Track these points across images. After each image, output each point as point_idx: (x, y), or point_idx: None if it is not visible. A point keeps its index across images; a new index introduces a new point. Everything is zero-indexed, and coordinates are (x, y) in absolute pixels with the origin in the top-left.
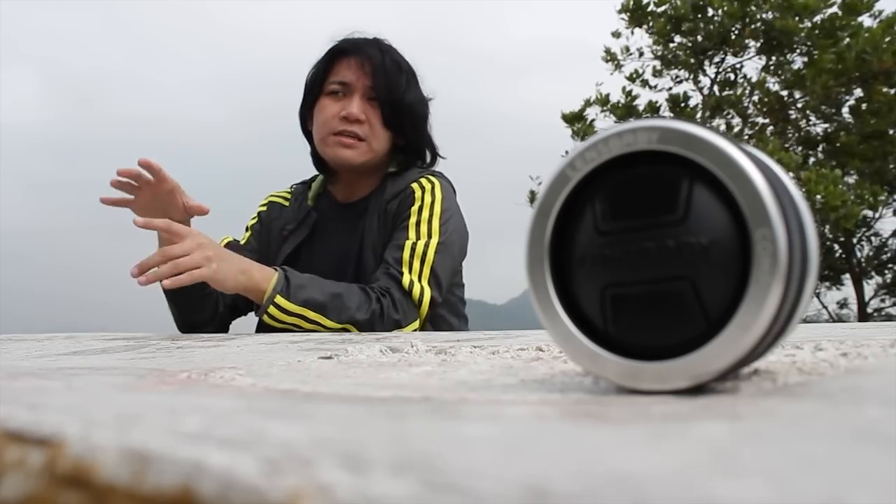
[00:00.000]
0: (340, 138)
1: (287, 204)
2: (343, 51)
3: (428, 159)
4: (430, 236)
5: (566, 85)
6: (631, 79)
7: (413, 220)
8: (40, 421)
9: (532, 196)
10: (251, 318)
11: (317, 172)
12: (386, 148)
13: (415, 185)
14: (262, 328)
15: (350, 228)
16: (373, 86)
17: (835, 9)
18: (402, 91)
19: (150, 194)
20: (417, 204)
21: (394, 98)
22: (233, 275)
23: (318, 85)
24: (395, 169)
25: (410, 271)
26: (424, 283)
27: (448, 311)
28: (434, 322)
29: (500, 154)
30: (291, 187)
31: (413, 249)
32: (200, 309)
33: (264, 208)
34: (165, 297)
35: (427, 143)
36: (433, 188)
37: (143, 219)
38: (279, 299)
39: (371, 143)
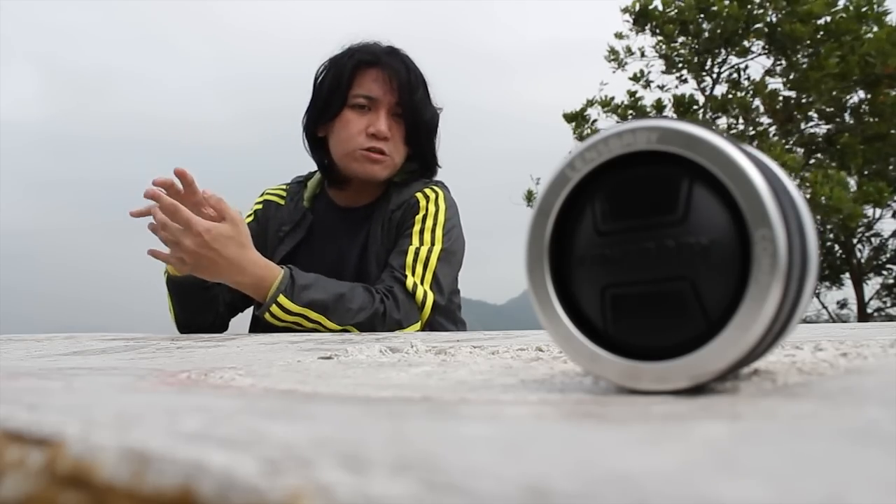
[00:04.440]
0: (369, 154)
1: (283, 203)
2: (367, 62)
3: (430, 169)
4: (433, 243)
5: (568, 85)
6: (635, 79)
7: (417, 227)
8: (40, 421)
9: (529, 195)
10: (248, 314)
11: (312, 170)
12: (403, 161)
13: (419, 195)
14: (256, 327)
15: (350, 234)
16: (399, 102)
17: (840, 7)
18: (425, 109)
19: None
20: (422, 213)
21: (417, 117)
22: (230, 276)
23: (340, 97)
24: (399, 179)
25: (413, 274)
26: (427, 286)
27: (446, 319)
28: (432, 328)
29: (501, 154)
30: (288, 184)
31: (416, 254)
32: (205, 311)
33: (260, 206)
34: (169, 297)
35: (434, 154)
36: (437, 198)
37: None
38: (282, 299)
39: (394, 158)
